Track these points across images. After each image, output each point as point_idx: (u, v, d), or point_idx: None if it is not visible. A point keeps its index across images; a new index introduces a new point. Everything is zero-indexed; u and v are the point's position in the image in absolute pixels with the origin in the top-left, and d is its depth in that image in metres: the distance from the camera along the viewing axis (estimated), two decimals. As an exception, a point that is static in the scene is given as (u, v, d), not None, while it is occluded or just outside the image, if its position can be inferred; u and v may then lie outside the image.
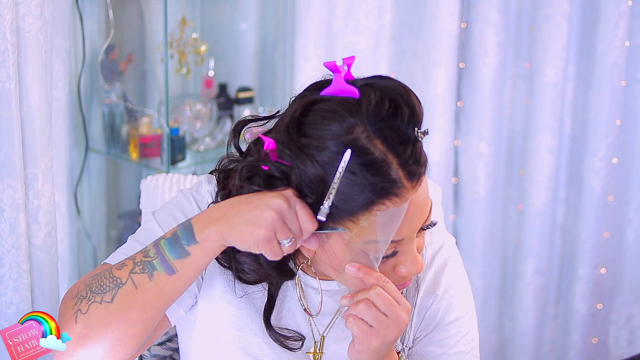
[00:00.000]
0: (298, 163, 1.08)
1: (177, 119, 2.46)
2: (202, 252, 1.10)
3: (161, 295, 1.11)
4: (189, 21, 2.48)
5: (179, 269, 1.10)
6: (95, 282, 1.12)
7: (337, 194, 1.06)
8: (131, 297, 1.10)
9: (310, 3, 2.35)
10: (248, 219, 1.07)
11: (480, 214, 2.62)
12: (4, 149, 1.54)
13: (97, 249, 2.54)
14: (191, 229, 1.10)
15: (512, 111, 2.63)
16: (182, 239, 1.10)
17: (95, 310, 1.10)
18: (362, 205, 1.08)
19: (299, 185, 1.09)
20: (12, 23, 1.49)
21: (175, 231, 1.11)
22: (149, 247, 1.13)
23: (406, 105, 1.09)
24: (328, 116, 1.08)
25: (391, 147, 1.07)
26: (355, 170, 1.06)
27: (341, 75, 1.11)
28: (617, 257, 2.73)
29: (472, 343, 1.31)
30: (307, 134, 1.09)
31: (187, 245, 1.09)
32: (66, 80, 2.26)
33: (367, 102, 1.09)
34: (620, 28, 2.49)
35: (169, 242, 1.11)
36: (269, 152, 1.10)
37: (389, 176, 1.07)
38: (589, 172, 2.61)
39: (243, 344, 1.24)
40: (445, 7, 2.43)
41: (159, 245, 1.11)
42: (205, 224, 1.09)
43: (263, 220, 1.06)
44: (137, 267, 1.11)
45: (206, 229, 1.09)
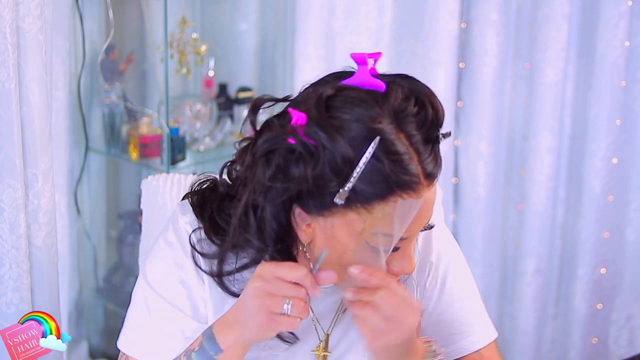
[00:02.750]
0: (328, 141, 1.06)
1: (177, 119, 2.45)
2: (230, 357, 1.15)
3: None
4: (189, 21, 2.48)
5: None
6: None
7: (358, 179, 1.06)
8: None
9: (310, 3, 2.35)
10: (245, 316, 1.11)
11: (480, 214, 2.62)
12: (4, 149, 1.54)
13: (97, 249, 2.54)
14: (214, 340, 1.14)
15: (512, 111, 2.63)
16: (209, 350, 1.15)
17: None
18: (379, 194, 1.08)
19: (322, 166, 1.07)
20: (12, 23, 1.49)
21: (201, 342, 1.16)
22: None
23: (431, 106, 1.11)
24: (356, 102, 1.08)
25: (414, 143, 1.08)
26: (381, 157, 1.06)
27: (367, 68, 1.11)
28: (617, 257, 2.73)
29: (477, 299, 1.37)
30: (333, 116, 1.08)
31: (215, 355, 1.14)
32: (66, 80, 2.26)
33: (395, 96, 1.10)
34: (620, 28, 2.49)
35: (199, 355, 1.16)
36: (296, 127, 1.08)
37: (411, 170, 1.08)
38: (589, 172, 2.61)
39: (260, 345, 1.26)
40: (445, 7, 2.43)
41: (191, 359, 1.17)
42: (224, 332, 1.14)
43: (253, 311, 1.09)
44: None
45: (226, 337, 1.14)
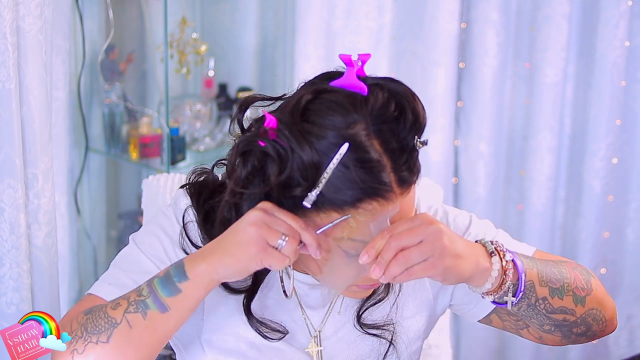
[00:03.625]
0: (296, 146, 1.08)
1: (177, 119, 2.46)
2: (193, 289, 1.11)
3: (155, 333, 1.12)
4: (189, 21, 2.48)
5: (171, 306, 1.11)
6: (90, 322, 1.13)
7: (327, 184, 1.07)
8: (126, 336, 1.11)
9: (310, 3, 2.35)
10: (235, 243, 1.09)
11: (480, 214, 2.60)
12: (4, 149, 1.54)
13: (97, 249, 2.54)
14: (182, 267, 1.12)
15: (512, 111, 2.63)
16: (174, 276, 1.11)
17: (92, 350, 1.11)
18: (349, 201, 1.08)
19: (291, 169, 1.09)
20: (12, 23, 1.49)
21: (168, 270, 1.13)
22: (143, 286, 1.14)
23: (411, 111, 1.10)
24: (333, 107, 1.09)
25: (388, 150, 1.08)
26: (349, 165, 1.06)
27: (354, 70, 1.11)
28: (617, 257, 2.73)
29: (491, 229, 1.33)
30: (309, 120, 1.09)
31: (178, 282, 1.11)
32: (66, 80, 2.25)
33: (374, 101, 1.09)
34: (620, 28, 2.49)
35: (161, 281, 1.12)
36: (268, 129, 1.10)
37: (380, 178, 1.07)
38: (589, 172, 2.61)
39: (249, 337, 1.25)
40: (445, 7, 2.43)
41: (151, 284, 1.13)
42: (196, 261, 1.11)
43: (248, 237, 1.08)
44: (131, 307, 1.12)
45: (197, 266, 1.11)
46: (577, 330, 1.26)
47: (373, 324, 1.29)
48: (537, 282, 1.19)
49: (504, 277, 1.15)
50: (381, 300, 1.29)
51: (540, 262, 1.23)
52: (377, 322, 1.29)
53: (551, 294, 1.21)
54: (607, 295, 1.29)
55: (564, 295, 1.22)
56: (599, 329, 1.29)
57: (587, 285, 1.26)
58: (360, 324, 1.28)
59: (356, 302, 1.29)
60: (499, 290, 1.16)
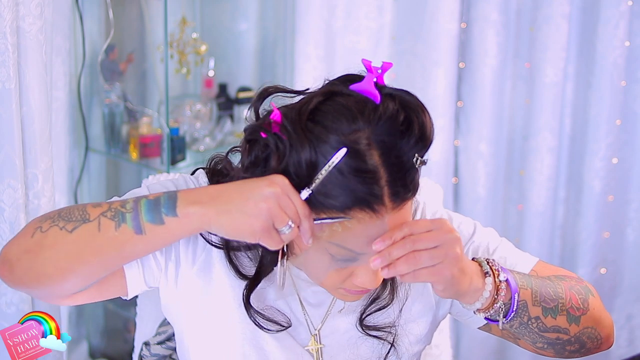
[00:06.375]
0: (295, 142, 1.08)
1: (177, 119, 2.46)
2: (177, 227, 1.08)
3: (119, 248, 1.09)
4: (189, 21, 2.48)
5: (147, 232, 1.08)
6: (66, 210, 1.12)
7: (320, 186, 1.07)
8: (91, 236, 1.09)
9: (310, 3, 2.35)
10: (242, 210, 1.06)
11: (480, 214, 2.62)
12: (4, 149, 1.54)
13: (97, 249, 2.54)
14: (175, 201, 1.09)
15: (512, 111, 2.63)
16: (163, 206, 1.09)
17: (53, 233, 1.09)
18: (339, 207, 1.08)
19: (287, 164, 1.09)
20: (12, 23, 1.49)
21: (159, 197, 1.10)
22: (129, 200, 1.12)
23: (418, 126, 1.09)
24: (341, 111, 1.09)
25: (387, 162, 1.08)
26: (344, 171, 1.06)
27: (372, 77, 1.11)
28: (617, 257, 2.73)
29: (495, 238, 1.32)
30: (315, 120, 1.10)
31: (165, 214, 1.08)
32: (66, 80, 2.25)
33: (383, 111, 1.09)
34: (620, 28, 2.49)
35: (147, 203, 1.10)
36: (272, 122, 1.11)
37: (372, 189, 1.07)
38: (589, 172, 2.61)
39: (247, 335, 1.25)
40: (445, 7, 2.43)
41: (138, 202, 1.10)
42: (191, 201, 1.08)
43: (258, 211, 1.06)
44: (109, 212, 1.10)
45: (190, 207, 1.08)
46: (571, 348, 1.26)
47: (375, 325, 1.29)
48: (530, 301, 1.19)
49: (495, 297, 1.16)
50: (385, 306, 1.29)
51: (536, 280, 1.23)
52: (379, 324, 1.29)
53: (544, 313, 1.21)
54: (604, 313, 1.28)
55: (557, 314, 1.22)
56: (593, 346, 1.28)
57: (584, 304, 1.25)
58: (362, 326, 1.29)
59: (359, 305, 1.29)
60: (490, 309, 1.16)
